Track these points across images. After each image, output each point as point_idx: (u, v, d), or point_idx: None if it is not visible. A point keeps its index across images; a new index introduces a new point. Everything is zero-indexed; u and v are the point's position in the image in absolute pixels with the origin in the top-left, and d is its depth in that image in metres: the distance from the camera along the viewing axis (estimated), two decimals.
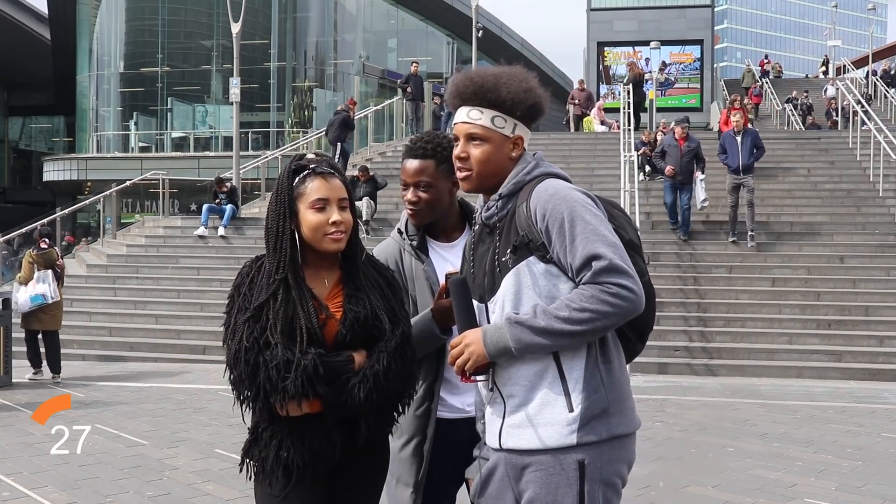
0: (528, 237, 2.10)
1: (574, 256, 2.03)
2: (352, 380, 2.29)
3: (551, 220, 2.07)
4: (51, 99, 44.33)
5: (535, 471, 2.08)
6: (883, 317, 10.97)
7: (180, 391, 8.72)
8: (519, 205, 2.16)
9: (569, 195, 2.10)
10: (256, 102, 35.95)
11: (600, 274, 1.99)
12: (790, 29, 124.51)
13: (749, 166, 12.60)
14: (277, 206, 2.35)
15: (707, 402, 8.22)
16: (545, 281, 2.09)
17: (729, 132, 12.94)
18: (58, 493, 5.10)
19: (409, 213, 2.70)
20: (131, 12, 38.01)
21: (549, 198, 2.10)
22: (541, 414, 2.08)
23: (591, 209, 2.09)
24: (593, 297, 1.98)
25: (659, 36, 28.46)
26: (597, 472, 2.05)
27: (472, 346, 2.10)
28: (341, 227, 2.34)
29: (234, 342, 2.29)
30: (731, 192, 12.73)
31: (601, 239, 2.02)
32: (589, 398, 2.06)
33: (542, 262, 2.09)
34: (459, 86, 2.24)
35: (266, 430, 2.35)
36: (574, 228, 2.04)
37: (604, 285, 1.98)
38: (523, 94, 2.19)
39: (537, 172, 2.22)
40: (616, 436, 2.08)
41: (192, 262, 14.58)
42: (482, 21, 28.78)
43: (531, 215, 2.11)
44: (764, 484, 5.38)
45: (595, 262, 2.00)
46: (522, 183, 2.21)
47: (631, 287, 1.99)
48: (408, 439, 2.68)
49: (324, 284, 2.39)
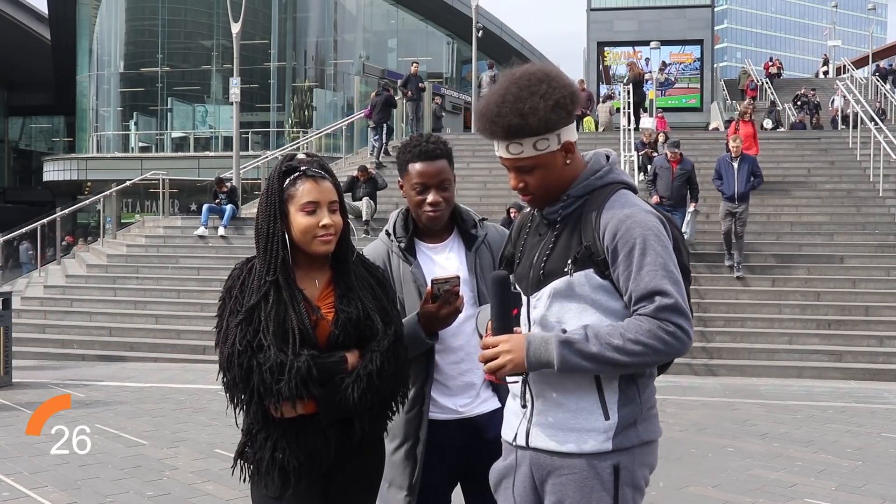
0: (591, 250, 2.06)
1: (638, 286, 2.00)
2: (345, 380, 2.29)
3: (621, 243, 2.02)
4: (51, 99, 44.33)
5: (568, 474, 2.07)
6: (883, 317, 10.97)
7: (180, 391, 8.71)
8: (588, 211, 2.11)
9: (644, 220, 2.04)
10: (256, 102, 35.92)
11: (663, 311, 1.96)
12: (790, 29, 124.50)
13: (745, 195, 11.92)
14: (268, 207, 2.34)
15: (707, 402, 8.22)
16: (598, 295, 2.07)
17: (725, 157, 12.25)
18: (58, 493, 5.10)
19: (431, 216, 2.67)
20: (131, 12, 37.99)
21: (623, 218, 2.04)
22: (576, 419, 2.08)
23: (663, 239, 2.04)
24: (650, 332, 1.95)
25: (659, 36, 28.44)
26: (629, 476, 2.07)
27: (512, 355, 2.04)
28: (331, 231, 2.33)
29: (226, 346, 2.29)
30: (725, 218, 12.02)
31: (668, 275, 2.00)
32: (625, 407, 2.07)
33: (599, 278, 2.06)
34: (486, 130, 2.11)
35: (260, 431, 2.35)
36: (644, 258, 2.00)
37: (664, 322, 1.96)
38: (552, 111, 2.05)
39: (610, 179, 2.16)
40: (645, 441, 2.10)
41: (192, 262, 14.58)
42: (482, 21, 28.77)
43: (600, 230, 2.06)
44: (764, 484, 5.38)
45: (659, 298, 1.97)
46: (593, 187, 2.14)
47: (688, 330, 1.98)
48: (400, 442, 2.67)
49: (315, 285, 2.39)
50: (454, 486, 2.82)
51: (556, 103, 2.05)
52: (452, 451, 2.70)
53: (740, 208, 11.85)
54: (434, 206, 2.66)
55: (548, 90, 2.06)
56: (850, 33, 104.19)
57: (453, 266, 2.71)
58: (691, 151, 17.71)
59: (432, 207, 2.66)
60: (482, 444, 2.66)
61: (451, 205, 2.71)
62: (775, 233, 13.42)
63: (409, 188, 2.68)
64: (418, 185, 2.66)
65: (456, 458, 2.71)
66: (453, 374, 2.70)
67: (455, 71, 43.62)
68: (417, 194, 2.67)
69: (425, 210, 2.67)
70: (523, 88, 2.06)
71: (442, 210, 2.68)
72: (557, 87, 2.07)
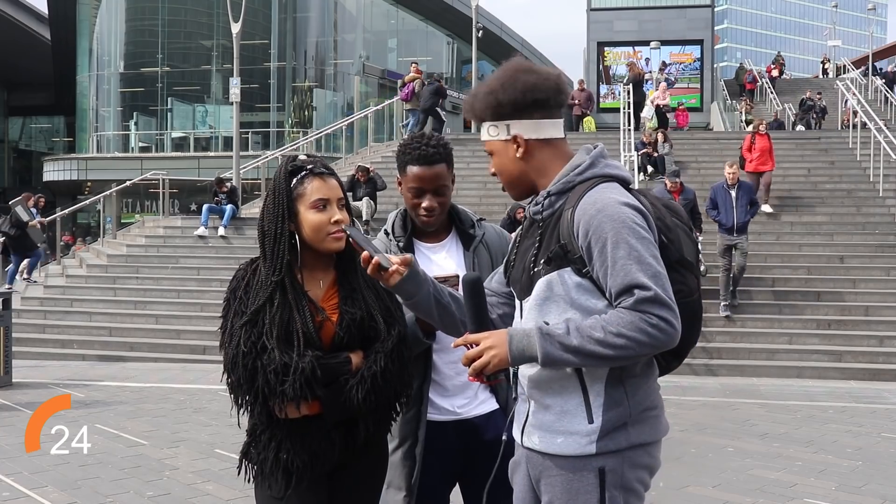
0: (566, 248, 2.03)
1: (615, 281, 1.94)
2: (350, 381, 2.29)
3: (594, 239, 1.97)
4: (51, 99, 44.35)
5: (555, 475, 2.07)
6: (883, 317, 10.98)
7: (180, 391, 8.71)
8: (566, 209, 2.07)
9: (616, 213, 1.98)
10: (256, 102, 35.93)
11: (643, 303, 1.91)
12: (790, 29, 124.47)
13: (744, 225, 11.01)
14: (275, 207, 2.33)
15: (707, 402, 8.21)
16: (577, 294, 2.03)
17: (721, 185, 11.24)
18: (58, 493, 5.10)
19: (425, 220, 2.67)
20: (131, 12, 38.00)
21: (594, 213, 1.99)
22: (560, 422, 2.06)
23: (638, 230, 1.97)
24: (632, 324, 1.90)
25: (659, 36, 28.47)
26: (618, 478, 2.04)
27: (495, 350, 2.00)
28: (343, 226, 2.34)
29: (231, 347, 2.29)
30: (723, 254, 11.09)
31: (645, 268, 1.93)
32: (609, 411, 2.03)
33: (577, 276, 2.02)
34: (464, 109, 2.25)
35: (264, 432, 2.35)
36: (616, 252, 1.94)
37: (646, 314, 1.91)
38: (500, 95, 2.10)
39: (590, 174, 2.11)
40: (636, 444, 2.05)
41: (192, 262, 14.58)
42: (482, 21, 28.77)
43: (574, 227, 2.02)
44: (764, 484, 5.38)
45: (638, 291, 1.92)
46: (573, 183, 2.11)
47: (672, 321, 1.92)
48: (399, 443, 2.66)
49: (319, 286, 2.39)
50: (452, 487, 2.82)
51: (507, 92, 2.10)
52: (450, 453, 2.69)
53: (740, 239, 11.00)
54: (429, 212, 2.66)
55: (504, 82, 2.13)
56: (850, 33, 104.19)
57: (451, 266, 2.71)
58: (691, 151, 17.77)
59: (427, 212, 2.66)
60: (480, 445, 2.66)
61: (446, 208, 2.71)
62: (775, 233, 13.43)
63: (406, 189, 2.68)
64: (414, 189, 2.66)
65: (454, 459, 2.71)
66: (450, 374, 2.70)
67: (455, 71, 43.62)
68: (413, 197, 2.67)
69: (420, 214, 2.68)
70: (494, 77, 2.18)
71: (436, 215, 2.68)
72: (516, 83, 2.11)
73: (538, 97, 2.11)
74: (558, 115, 2.17)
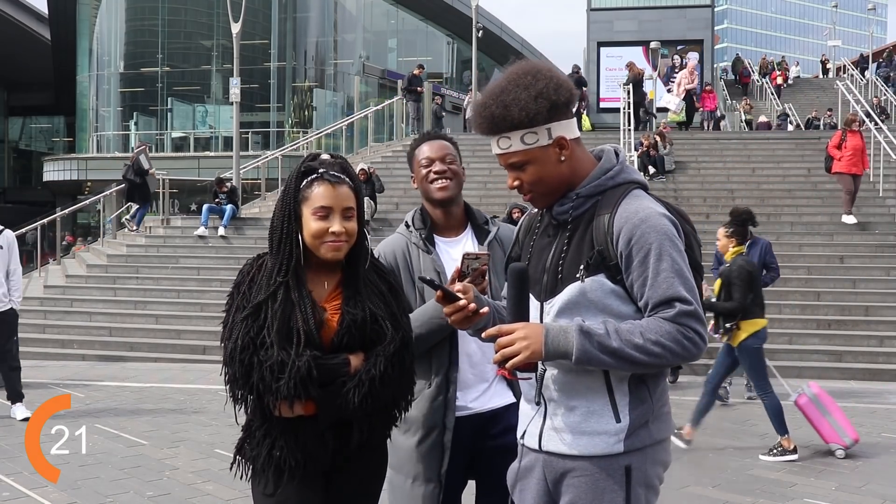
0: (603, 255, 2.03)
1: (655, 292, 1.98)
2: (347, 383, 2.27)
3: (636, 248, 1.99)
4: (51, 99, 44.35)
5: (580, 476, 2.07)
6: (883, 317, 10.97)
7: (180, 391, 8.71)
8: (599, 214, 2.07)
9: (658, 225, 2.01)
10: (256, 102, 35.92)
11: (683, 316, 1.96)
12: (790, 29, 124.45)
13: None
14: (284, 207, 2.33)
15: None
16: (609, 300, 2.04)
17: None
18: (58, 493, 5.10)
19: (440, 187, 2.72)
20: (131, 12, 37.98)
21: (638, 223, 2.00)
22: (586, 422, 2.07)
23: (677, 243, 2.03)
24: (670, 335, 1.95)
25: (659, 36, 28.39)
26: (641, 476, 2.07)
27: (529, 342, 1.96)
28: (342, 238, 2.31)
29: (230, 341, 2.28)
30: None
31: (684, 282, 1.99)
32: (635, 409, 2.06)
33: (611, 282, 2.04)
34: (475, 123, 2.11)
35: (259, 428, 2.35)
36: (660, 264, 1.98)
37: (683, 327, 1.96)
38: (535, 102, 2.02)
39: (622, 179, 2.12)
40: (657, 441, 2.10)
41: (192, 262, 14.58)
42: (482, 21, 28.77)
43: (613, 234, 2.02)
44: (764, 484, 5.38)
45: (679, 304, 1.97)
46: (604, 187, 2.10)
47: (704, 336, 1.99)
48: (425, 433, 2.63)
49: (323, 287, 2.38)
50: (465, 484, 2.80)
51: (539, 93, 2.01)
52: (463, 449, 2.67)
53: None
54: (440, 174, 2.71)
55: (532, 81, 2.03)
56: (849, 33, 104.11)
57: None
58: (691, 151, 17.76)
59: (438, 175, 2.71)
60: (495, 439, 2.66)
61: (459, 179, 2.77)
62: (775, 233, 13.42)
63: (418, 170, 2.77)
64: (424, 161, 2.75)
65: (468, 455, 2.70)
66: (464, 367, 2.70)
67: (455, 71, 43.61)
68: (424, 169, 2.75)
69: (433, 183, 2.72)
70: (510, 81, 2.06)
71: (449, 180, 2.73)
72: (542, 79, 2.04)
73: (569, 96, 2.08)
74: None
